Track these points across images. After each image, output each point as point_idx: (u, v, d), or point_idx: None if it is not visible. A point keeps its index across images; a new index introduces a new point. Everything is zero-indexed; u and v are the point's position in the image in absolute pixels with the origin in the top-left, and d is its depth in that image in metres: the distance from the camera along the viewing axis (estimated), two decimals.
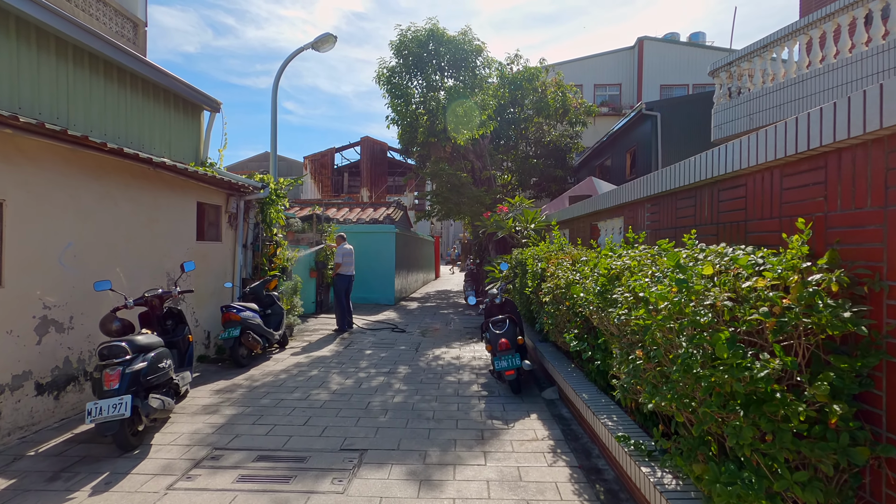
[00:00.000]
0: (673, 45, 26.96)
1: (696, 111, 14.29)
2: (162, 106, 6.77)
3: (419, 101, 12.82)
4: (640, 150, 15.55)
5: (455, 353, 7.47)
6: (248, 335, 6.31)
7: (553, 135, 18.92)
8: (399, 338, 8.80)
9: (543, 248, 5.77)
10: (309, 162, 30.02)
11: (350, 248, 9.63)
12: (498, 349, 5.18)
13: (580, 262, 4.53)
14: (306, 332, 9.27)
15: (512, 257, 7.43)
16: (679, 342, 2.02)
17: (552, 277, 4.56)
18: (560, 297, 4.22)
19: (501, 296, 6.25)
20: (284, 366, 6.54)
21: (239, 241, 7.55)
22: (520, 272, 6.54)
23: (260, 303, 7.32)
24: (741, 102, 8.88)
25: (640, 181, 4.06)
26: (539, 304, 5.34)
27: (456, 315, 12.12)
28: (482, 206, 12.89)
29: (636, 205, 4.27)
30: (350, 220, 15.18)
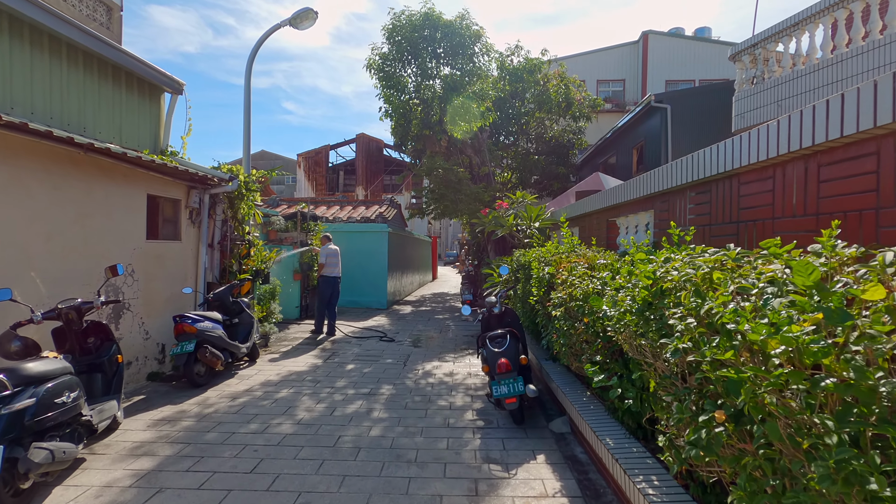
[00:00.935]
0: (678, 40, 26.08)
1: (709, 103, 13.42)
2: (110, 84, 5.87)
3: (413, 91, 11.92)
4: (649, 146, 14.68)
5: (448, 369, 6.57)
6: (205, 350, 5.41)
7: (555, 130, 18.04)
8: (387, 348, 7.90)
9: (551, 249, 4.89)
10: (302, 159, 29.13)
11: (335, 248, 9.06)
12: (497, 371, 4.29)
13: (598, 266, 3.64)
14: (285, 341, 8.36)
15: (513, 259, 6.53)
16: (822, 423, 1.12)
17: (564, 285, 3.67)
18: (575, 311, 3.32)
19: (501, 304, 5.36)
20: (249, 385, 5.63)
21: (203, 241, 6.65)
22: (522, 277, 5.65)
23: (226, 311, 6.42)
24: (767, 88, 7.99)
25: (681, 162, 3.17)
26: (546, 317, 4.45)
27: (452, 321, 11.23)
28: (480, 203, 11.99)
29: (673, 194, 3.38)
30: (340, 219, 14.28)
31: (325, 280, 8.68)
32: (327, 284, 8.67)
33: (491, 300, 5.39)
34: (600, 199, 4.92)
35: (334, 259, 8.80)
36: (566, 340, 3.44)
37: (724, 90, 13.41)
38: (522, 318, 5.57)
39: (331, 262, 8.74)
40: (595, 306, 2.77)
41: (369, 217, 14.26)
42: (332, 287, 8.70)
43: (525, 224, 6.44)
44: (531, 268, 4.99)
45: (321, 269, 8.75)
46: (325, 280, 8.68)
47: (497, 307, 5.35)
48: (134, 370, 5.48)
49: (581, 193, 8.11)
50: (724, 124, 13.26)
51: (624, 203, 4.30)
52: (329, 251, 8.79)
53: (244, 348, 6.27)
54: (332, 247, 8.92)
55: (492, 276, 8.34)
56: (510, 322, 5.27)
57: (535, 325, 5.34)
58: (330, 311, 8.77)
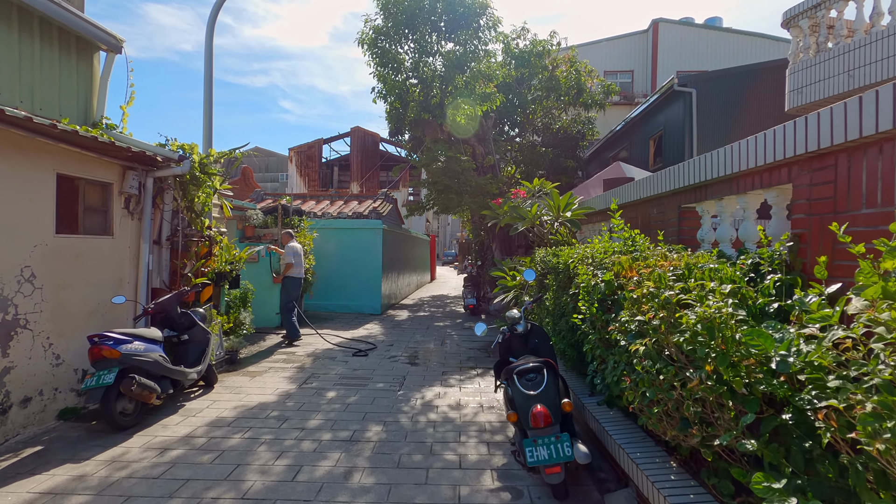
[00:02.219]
0: (690, 28, 24.80)
1: (740, 87, 12.11)
2: (16, 33, 4.49)
3: (411, 69, 10.56)
4: (669, 136, 13.37)
5: (453, 397, 5.22)
6: (130, 381, 4.03)
7: (564, 120, 16.71)
8: (378, 366, 6.55)
9: (602, 248, 3.52)
10: (294, 154, 27.72)
11: (299, 246, 8.39)
12: (532, 425, 2.94)
13: (698, 275, 2.30)
14: (259, 355, 6.99)
15: (537, 260, 5.17)
16: None
17: (645, 303, 2.32)
18: (682, 350, 1.97)
19: (526, 321, 4.02)
20: (192, 426, 4.27)
21: (146, 236, 5.28)
22: (553, 284, 4.30)
23: (172, 325, 5.06)
24: (834, 56, 6.68)
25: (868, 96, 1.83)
26: (604, 345, 3.09)
27: (454, 329, 9.88)
28: (487, 196, 10.66)
29: (839, 154, 2.04)
30: (329, 214, 12.91)
31: (293, 281, 8.11)
32: (296, 286, 8.15)
33: (513, 314, 4.04)
34: (666, 179, 3.58)
35: (299, 258, 8.23)
36: (656, 394, 2.09)
37: (757, 73, 12.11)
38: (554, 339, 4.22)
39: (297, 262, 8.17)
40: (757, 348, 1.43)
41: (362, 212, 12.91)
42: (299, 288, 8.24)
43: (552, 215, 5.10)
44: (572, 273, 3.64)
45: (289, 268, 8.04)
46: (293, 281, 8.11)
47: (521, 324, 4.02)
48: (36, 408, 4.11)
49: (611, 182, 6.77)
50: (761, 110, 11.96)
51: (716, 180, 2.94)
52: (295, 249, 8.17)
53: (193, 373, 4.90)
54: (297, 245, 8.32)
55: (504, 280, 7.00)
56: (539, 345, 3.94)
57: (573, 349, 3.98)
58: (286, 310, 8.13)
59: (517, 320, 4.01)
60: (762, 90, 11.95)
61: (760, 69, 12.18)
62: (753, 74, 12.11)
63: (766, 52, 22.61)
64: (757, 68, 12.24)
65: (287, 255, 8.10)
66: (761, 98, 11.93)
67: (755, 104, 11.96)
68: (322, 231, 11.73)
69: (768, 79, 11.90)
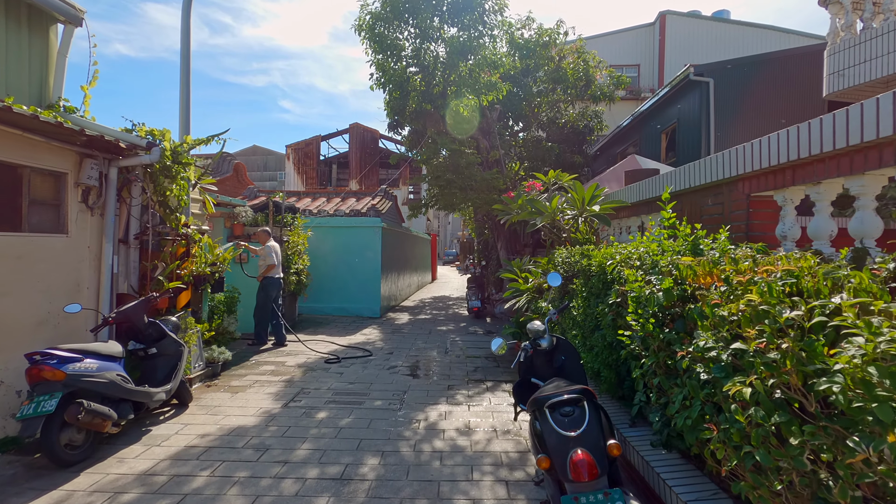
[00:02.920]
0: (698, 21, 24.11)
1: (763, 76, 11.41)
2: None
3: (411, 55, 9.87)
4: (684, 129, 12.69)
5: (462, 419, 4.55)
6: (77, 408, 3.36)
7: (570, 114, 16.03)
8: (376, 380, 5.88)
9: (665, 248, 2.80)
10: (291, 151, 27.03)
11: (277, 245, 8.00)
12: (571, 476, 2.27)
13: (811, 279, 1.63)
14: (242, 367, 6.32)
15: (558, 261, 4.49)
16: None
17: (753, 323, 1.64)
18: (852, 415, 1.29)
19: (551, 335, 3.35)
20: (154, 459, 3.60)
21: (109, 234, 4.60)
22: (583, 290, 3.62)
23: (138, 336, 4.40)
24: (883, 33, 6.00)
25: None
26: (665, 372, 2.41)
27: (458, 334, 9.21)
28: (493, 192, 9.99)
29: None
30: (325, 212, 12.24)
31: (274, 282, 7.68)
32: (277, 287, 7.74)
33: (536, 327, 3.36)
34: (731, 162, 2.89)
35: (278, 258, 7.83)
36: (772, 461, 1.43)
37: (780, 61, 11.42)
38: (585, 356, 3.54)
39: (278, 262, 7.81)
40: None
41: (360, 210, 12.23)
42: (279, 289, 7.84)
43: (575, 209, 4.42)
44: (611, 277, 2.96)
45: (270, 269, 7.59)
46: (274, 282, 7.68)
47: (546, 338, 3.35)
48: None
49: (634, 174, 6.10)
50: (785, 100, 11.28)
51: (812, 159, 2.24)
52: (276, 249, 7.78)
53: (161, 392, 4.23)
54: (276, 244, 7.93)
55: (515, 282, 6.33)
56: (566, 363, 3.27)
57: (610, 369, 3.30)
58: (271, 315, 7.73)
59: (540, 333, 3.33)
60: (786, 78, 11.28)
61: (784, 57, 11.51)
62: (776, 62, 11.42)
63: (775, 44, 21.91)
64: (780, 56, 11.57)
65: (268, 254, 7.58)
66: (786, 87, 11.25)
67: (778, 93, 11.28)
68: (317, 230, 11.07)
69: (793, 66, 11.24)
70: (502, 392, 5.43)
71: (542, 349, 3.34)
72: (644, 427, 2.99)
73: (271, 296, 7.57)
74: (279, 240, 9.14)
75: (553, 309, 3.48)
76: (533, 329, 3.37)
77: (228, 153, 14.65)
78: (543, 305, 4.88)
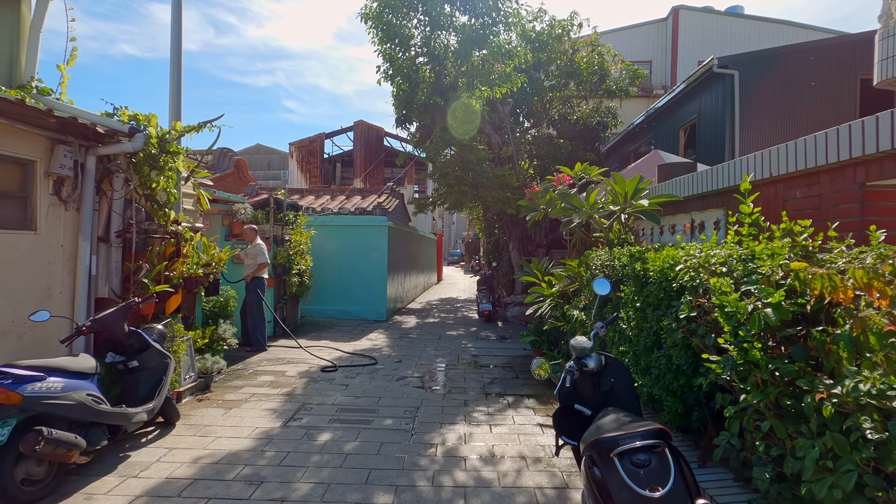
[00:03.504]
0: (712, 16, 23.47)
1: (791, 67, 10.80)
2: None
3: (420, 45, 9.33)
4: (705, 124, 12.10)
5: (485, 443, 4.00)
6: (35, 437, 2.83)
7: (583, 110, 15.46)
8: (385, 393, 5.33)
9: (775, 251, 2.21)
10: (295, 149, 26.54)
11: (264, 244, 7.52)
12: None
13: None
14: (238, 378, 5.79)
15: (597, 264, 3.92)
16: None
17: None
18: None
19: (598, 353, 2.80)
20: (128, 496, 3.06)
21: (86, 231, 4.08)
22: (634, 298, 3.05)
23: (117, 347, 3.87)
24: None
25: None
26: (775, 413, 1.84)
27: (470, 339, 8.66)
28: (506, 189, 9.44)
29: None
30: (329, 210, 11.71)
31: (263, 282, 7.27)
32: (264, 287, 7.30)
33: (581, 343, 2.79)
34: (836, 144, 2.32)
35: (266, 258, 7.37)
36: None
37: (813, 51, 10.80)
38: (640, 379, 2.97)
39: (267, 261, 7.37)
40: None
41: (365, 208, 11.70)
42: (264, 290, 7.33)
43: (617, 204, 3.85)
44: (678, 285, 2.39)
45: (262, 269, 7.20)
46: (263, 282, 7.27)
47: (593, 357, 2.80)
48: None
49: (668, 168, 5.54)
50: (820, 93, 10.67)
51: None
52: (264, 247, 7.33)
53: (142, 412, 3.69)
54: (263, 243, 7.46)
55: (538, 286, 5.78)
56: (616, 387, 2.74)
57: (675, 397, 2.73)
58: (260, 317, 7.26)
59: (587, 351, 2.78)
60: (819, 70, 10.67)
61: (816, 47, 10.89)
62: (807, 53, 10.81)
63: (791, 40, 21.25)
64: (811, 47, 10.95)
65: (259, 252, 7.15)
66: (818, 79, 10.64)
67: (812, 86, 10.66)
68: (321, 228, 10.54)
69: (826, 57, 10.64)
70: (525, 409, 4.87)
71: (588, 370, 2.79)
72: (717, 468, 2.43)
73: (258, 297, 7.16)
74: (279, 239, 8.62)
75: (600, 322, 2.91)
76: (578, 346, 2.82)
77: (230, 149, 14.14)
78: (575, 314, 4.32)
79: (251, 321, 7.16)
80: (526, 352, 7.57)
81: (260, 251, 7.17)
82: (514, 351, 7.78)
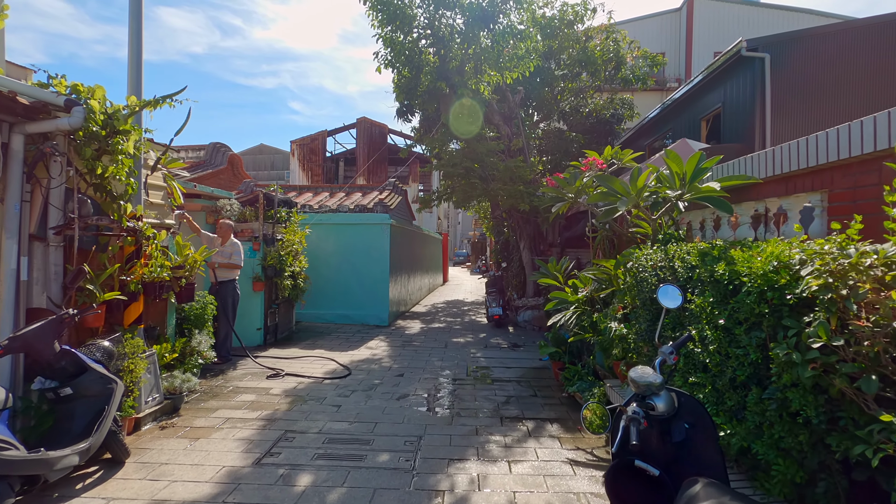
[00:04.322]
0: (728, 5, 22.54)
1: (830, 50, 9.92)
2: None
3: (425, 25, 8.55)
4: (731, 113, 11.21)
5: (504, 488, 3.20)
6: None
7: (597, 102, 14.64)
8: (383, 415, 4.55)
9: None
10: (296, 147, 25.84)
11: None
12: None
13: None
14: (218, 396, 5.02)
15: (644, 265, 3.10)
16: None
17: None
18: None
19: (669, 391, 2.01)
20: None
21: (12, 228, 3.32)
22: (714, 313, 2.23)
23: (47, 371, 3.11)
24: None
25: None
26: None
27: (479, 348, 7.86)
28: (519, 182, 8.65)
29: None
30: (327, 207, 10.95)
31: (233, 287, 6.50)
32: (233, 292, 6.50)
33: (647, 378, 1.98)
34: None
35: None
36: None
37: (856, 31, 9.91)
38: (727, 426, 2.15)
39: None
40: None
41: (366, 205, 10.93)
42: (235, 293, 6.55)
43: (674, 188, 3.04)
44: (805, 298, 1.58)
45: (235, 270, 6.47)
46: (233, 287, 6.50)
47: (661, 397, 2.01)
48: None
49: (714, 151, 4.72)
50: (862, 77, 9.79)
51: None
52: (240, 247, 6.59)
53: (72, 455, 2.92)
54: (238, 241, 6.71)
55: (561, 291, 4.97)
56: (695, 440, 1.96)
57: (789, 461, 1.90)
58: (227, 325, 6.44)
59: (654, 388, 1.98)
60: (863, 52, 9.77)
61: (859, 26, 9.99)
62: (850, 33, 9.91)
63: None
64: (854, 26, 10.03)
65: (235, 252, 6.42)
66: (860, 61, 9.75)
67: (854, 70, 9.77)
68: (319, 227, 9.80)
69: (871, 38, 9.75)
70: (549, 438, 4.07)
71: (656, 414, 2.00)
72: None
73: (233, 301, 6.45)
74: (269, 239, 7.86)
75: (668, 345, 2.11)
76: (642, 380, 2.01)
77: (225, 145, 13.42)
78: (613, 326, 3.52)
79: (222, 331, 6.38)
80: (542, 362, 6.77)
81: (236, 251, 6.44)
82: (529, 361, 6.98)
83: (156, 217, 4.80)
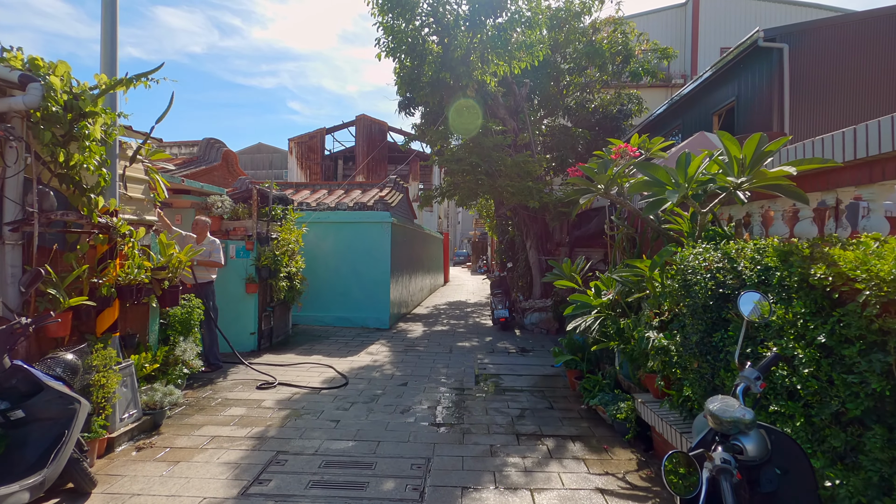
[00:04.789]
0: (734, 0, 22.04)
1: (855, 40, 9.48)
2: None
3: (428, 12, 8.10)
4: (745, 107, 10.79)
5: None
6: None
7: (604, 97, 14.19)
8: (386, 432, 4.10)
9: None
10: (294, 145, 25.36)
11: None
12: None
13: None
14: (205, 409, 4.56)
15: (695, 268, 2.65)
16: None
17: None
18: None
19: (759, 429, 1.56)
20: None
21: None
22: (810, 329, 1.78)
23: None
24: None
25: None
26: None
27: (486, 352, 7.42)
28: (527, 178, 8.20)
29: None
30: (325, 205, 10.49)
31: (212, 288, 6.06)
32: (212, 293, 6.05)
33: (733, 413, 1.54)
34: None
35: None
36: None
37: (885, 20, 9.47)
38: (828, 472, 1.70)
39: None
40: None
41: (366, 203, 10.48)
42: (213, 296, 6.06)
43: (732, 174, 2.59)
44: None
45: (214, 268, 6.05)
46: (212, 288, 6.06)
47: (751, 438, 1.56)
48: None
49: None
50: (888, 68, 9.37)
51: None
52: (219, 245, 6.16)
53: (21, 491, 2.47)
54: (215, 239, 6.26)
55: (583, 294, 4.52)
56: (790, 492, 1.49)
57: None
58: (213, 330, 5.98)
59: (742, 426, 1.54)
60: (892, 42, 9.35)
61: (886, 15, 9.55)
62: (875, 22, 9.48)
63: None
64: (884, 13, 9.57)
65: (213, 249, 5.98)
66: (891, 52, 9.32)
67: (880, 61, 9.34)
68: (316, 226, 9.35)
69: None
70: (573, 460, 3.62)
71: (745, 460, 1.55)
72: None
73: (210, 305, 5.96)
74: (264, 238, 7.41)
75: (753, 368, 1.67)
76: (727, 417, 1.57)
77: (219, 140, 12.95)
78: (651, 336, 3.07)
79: (208, 336, 5.92)
80: (554, 368, 6.34)
81: (215, 248, 6.02)
82: (540, 368, 6.54)
83: (134, 213, 4.34)
